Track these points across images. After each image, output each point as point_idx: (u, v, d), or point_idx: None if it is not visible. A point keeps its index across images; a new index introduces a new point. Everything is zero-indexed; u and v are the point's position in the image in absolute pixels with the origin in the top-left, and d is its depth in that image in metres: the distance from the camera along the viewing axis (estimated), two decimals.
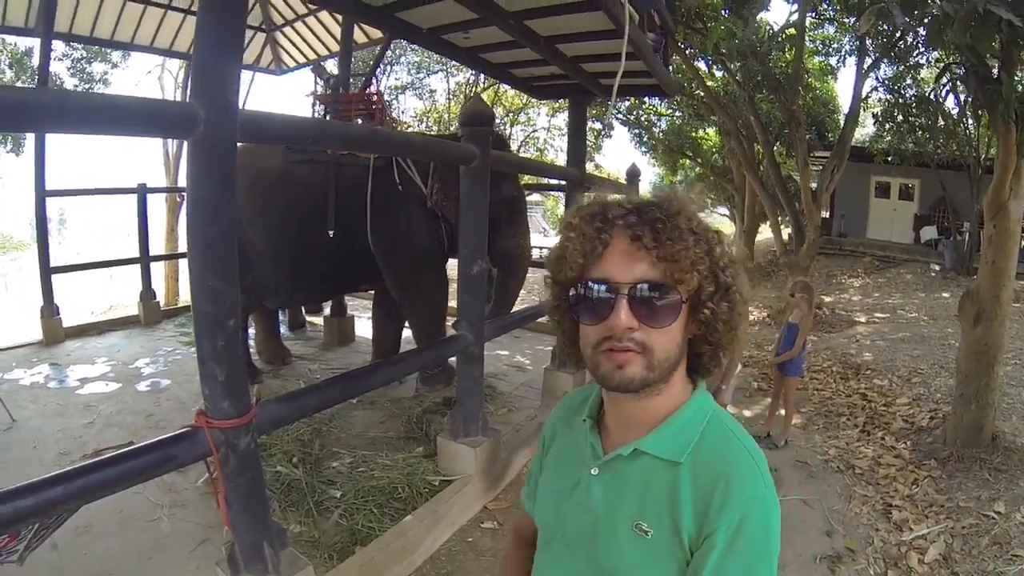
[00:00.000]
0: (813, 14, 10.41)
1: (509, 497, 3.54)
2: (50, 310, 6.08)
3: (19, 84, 10.70)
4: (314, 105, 5.26)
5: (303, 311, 7.08)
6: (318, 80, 5.72)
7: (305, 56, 8.30)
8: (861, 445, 4.53)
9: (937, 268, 12.75)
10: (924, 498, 3.71)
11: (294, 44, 8.17)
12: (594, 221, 0.87)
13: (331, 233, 4.34)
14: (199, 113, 1.75)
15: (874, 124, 13.00)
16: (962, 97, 8.76)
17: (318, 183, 4.40)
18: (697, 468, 0.86)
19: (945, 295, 10.49)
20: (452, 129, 12.06)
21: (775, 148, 12.11)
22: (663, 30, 4.53)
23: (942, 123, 10.93)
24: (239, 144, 1.88)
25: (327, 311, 6.81)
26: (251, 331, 5.58)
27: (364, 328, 6.58)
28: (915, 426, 4.79)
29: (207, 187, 1.85)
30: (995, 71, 3.72)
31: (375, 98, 4.73)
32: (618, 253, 0.86)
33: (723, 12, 8.69)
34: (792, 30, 9.50)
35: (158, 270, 8.06)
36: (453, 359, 3.70)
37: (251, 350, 5.39)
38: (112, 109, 1.68)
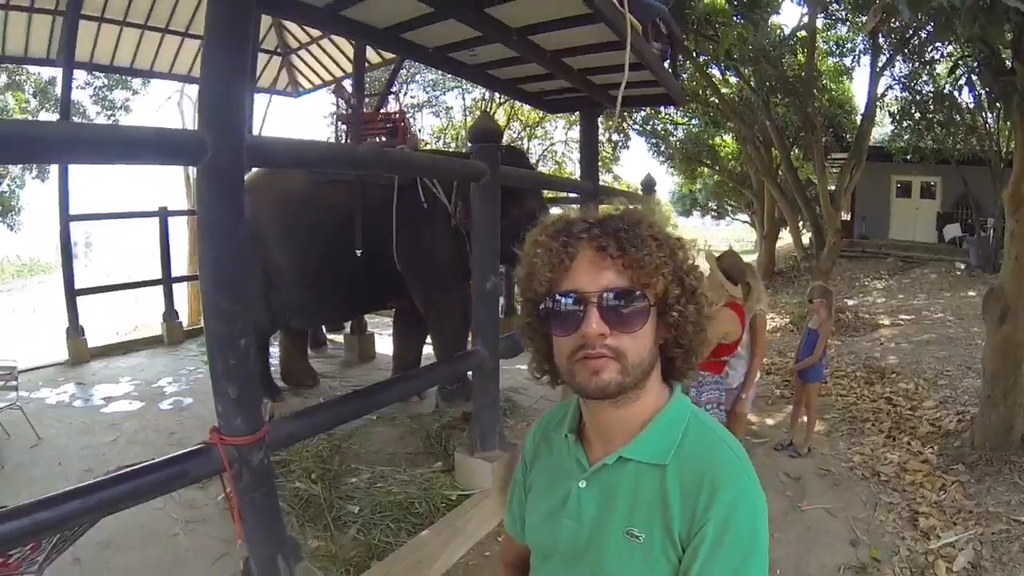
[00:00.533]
0: (824, 15, 10.33)
1: None
2: (75, 331, 6.22)
3: (43, 112, 11.04)
4: (337, 125, 5.33)
5: (323, 329, 7.16)
6: (340, 100, 5.80)
7: (321, 78, 8.44)
8: (886, 451, 4.45)
9: (962, 267, 12.52)
10: (952, 504, 3.63)
11: (309, 66, 8.31)
12: (559, 236, 0.90)
13: (359, 252, 4.41)
14: (207, 140, 1.80)
15: (891, 123, 12.79)
16: (978, 90, 8.63)
17: (344, 203, 4.48)
18: (682, 469, 0.88)
19: (971, 294, 10.30)
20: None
21: (792, 152, 12.00)
22: (670, 39, 4.53)
23: (960, 118, 10.74)
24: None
25: (347, 329, 6.88)
26: (274, 350, 5.66)
27: (384, 345, 6.62)
28: (942, 430, 4.70)
29: (217, 212, 1.89)
30: (1008, 62, 3.67)
31: (397, 116, 4.79)
32: (585, 264, 0.88)
33: (734, 17, 8.67)
34: (804, 33, 9.44)
35: (181, 291, 8.20)
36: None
37: (273, 368, 5.46)
38: (122, 140, 1.75)
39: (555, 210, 5.67)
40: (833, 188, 10.14)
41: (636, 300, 0.87)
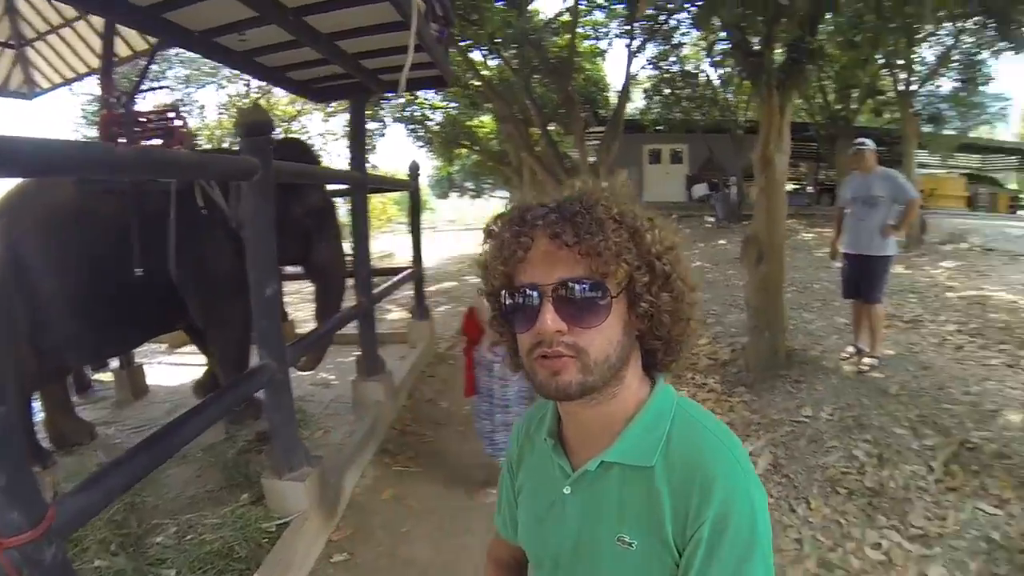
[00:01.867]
0: (583, 1, 11.15)
1: (351, 523, 3.33)
2: None
3: None
4: (104, 126, 4.43)
5: (87, 371, 6.02)
6: (110, 98, 4.83)
7: (61, 75, 6.92)
8: (676, 388, 4.96)
9: (711, 220, 14.43)
10: (742, 420, 4.16)
11: (48, 61, 6.76)
12: (512, 225, 0.82)
13: (139, 271, 3.72)
14: None
15: (643, 98, 14.30)
16: (721, 70, 10.01)
17: (118, 215, 3.72)
18: (671, 468, 0.81)
19: (722, 242, 11.82)
20: (227, 145, 11.44)
21: (552, 128, 12.77)
22: (445, 21, 4.48)
23: (706, 93, 12.43)
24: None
25: (114, 364, 5.86)
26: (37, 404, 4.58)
27: (157, 376, 5.82)
28: (719, 361, 5.35)
29: None
30: (756, 46, 4.32)
31: (172, 115, 4.11)
32: (540, 254, 0.80)
33: (495, 2, 8.94)
34: (566, 17, 10.07)
35: None
36: None
37: (37, 429, 4.40)
38: None
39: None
40: (593, 159, 11.01)
41: (595, 291, 0.79)
